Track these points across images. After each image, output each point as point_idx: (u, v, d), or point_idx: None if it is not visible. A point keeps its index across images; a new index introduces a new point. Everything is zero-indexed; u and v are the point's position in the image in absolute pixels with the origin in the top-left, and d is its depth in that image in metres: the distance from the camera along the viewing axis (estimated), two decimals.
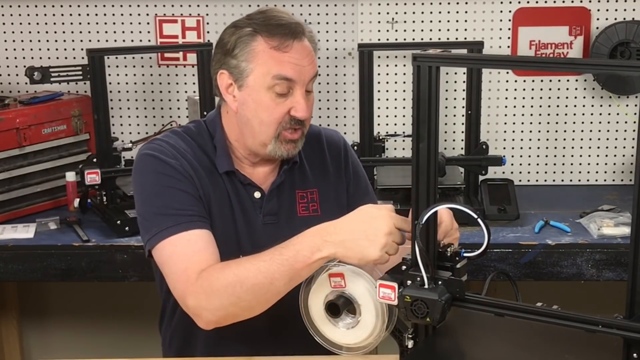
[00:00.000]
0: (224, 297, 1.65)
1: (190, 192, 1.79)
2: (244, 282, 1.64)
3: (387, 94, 3.15)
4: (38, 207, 2.84)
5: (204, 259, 1.71)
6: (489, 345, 1.56)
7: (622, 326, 1.35)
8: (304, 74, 1.78)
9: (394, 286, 1.49)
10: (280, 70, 1.76)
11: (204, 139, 1.89)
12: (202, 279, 1.67)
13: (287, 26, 1.77)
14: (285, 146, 1.82)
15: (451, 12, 3.08)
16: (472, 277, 2.33)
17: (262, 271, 1.63)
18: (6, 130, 2.71)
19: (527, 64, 1.63)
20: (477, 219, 1.43)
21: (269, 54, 1.76)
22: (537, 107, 3.14)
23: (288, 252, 1.63)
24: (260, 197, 1.89)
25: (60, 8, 3.11)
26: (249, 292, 1.64)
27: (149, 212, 1.78)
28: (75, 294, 3.37)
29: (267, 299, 1.67)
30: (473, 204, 2.72)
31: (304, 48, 1.79)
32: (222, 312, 1.67)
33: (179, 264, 1.72)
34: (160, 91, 3.17)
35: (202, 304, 1.68)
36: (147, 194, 1.80)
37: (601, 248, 2.49)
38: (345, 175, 1.99)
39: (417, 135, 1.45)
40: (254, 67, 1.77)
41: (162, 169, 1.79)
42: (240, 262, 1.68)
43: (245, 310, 1.69)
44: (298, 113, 1.78)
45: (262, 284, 1.63)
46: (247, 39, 1.78)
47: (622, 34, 2.95)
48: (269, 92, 1.77)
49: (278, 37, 1.76)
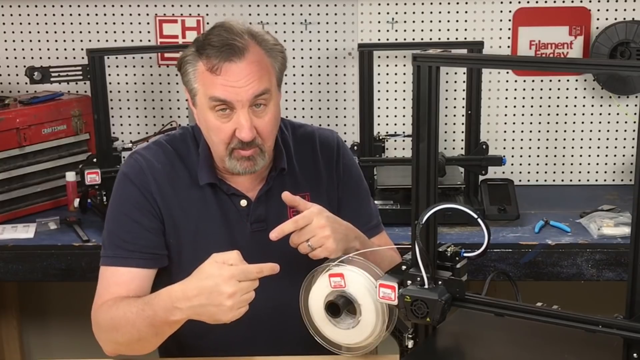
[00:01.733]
0: (108, 336, 1.78)
1: (146, 225, 1.83)
2: (119, 328, 1.73)
3: (387, 94, 3.15)
4: (38, 207, 2.84)
5: (115, 294, 1.79)
6: (489, 345, 1.56)
7: (622, 326, 1.36)
8: (240, 94, 1.74)
9: (394, 286, 1.49)
10: (213, 92, 1.75)
11: (189, 149, 1.89)
12: (95, 312, 1.80)
13: (221, 48, 1.74)
14: (242, 163, 1.79)
15: (451, 12, 3.08)
16: (472, 277, 2.33)
17: (130, 322, 1.71)
18: (6, 130, 2.71)
19: (527, 64, 1.63)
20: (477, 219, 1.43)
21: (205, 76, 1.76)
22: (537, 107, 3.13)
23: (149, 310, 1.69)
24: (247, 205, 1.88)
25: (60, 8, 3.11)
26: (123, 338, 1.74)
27: (104, 232, 1.88)
28: (75, 294, 3.35)
29: (143, 345, 1.76)
30: (473, 204, 2.72)
31: (241, 69, 1.74)
32: (111, 348, 1.79)
33: (99, 290, 1.83)
34: (160, 91, 3.17)
35: (96, 335, 1.81)
36: (109, 214, 1.88)
37: (601, 248, 2.49)
38: (336, 176, 1.96)
39: (417, 135, 1.45)
40: (198, 87, 1.78)
41: (128, 194, 1.85)
42: (119, 307, 1.74)
43: (131, 351, 1.79)
44: (241, 134, 1.75)
45: (131, 334, 1.72)
46: (190, 59, 1.79)
47: (622, 34, 2.94)
48: (212, 113, 1.77)
49: (212, 60, 1.74)
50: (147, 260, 1.83)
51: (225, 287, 1.57)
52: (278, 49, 1.82)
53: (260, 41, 1.78)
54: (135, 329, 1.70)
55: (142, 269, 1.82)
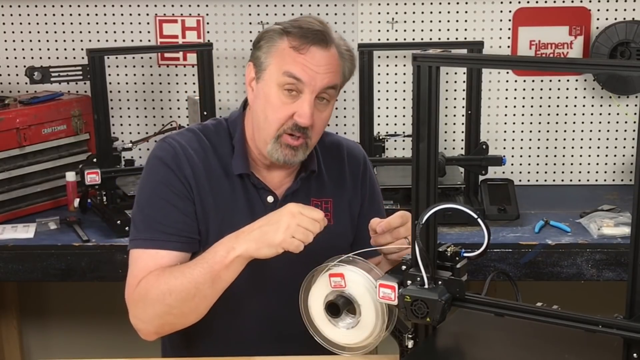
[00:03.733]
0: (156, 307, 1.73)
1: (182, 208, 1.82)
2: (173, 290, 1.70)
3: (387, 94, 3.15)
4: (38, 207, 2.84)
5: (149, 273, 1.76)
6: (489, 345, 1.56)
7: (622, 326, 1.36)
8: (315, 79, 1.77)
9: (394, 286, 1.49)
10: (290, 68, 1.77)
11: (221, 140, 1.90)
12: (139, 286, 1.75)
13: (312, 31, 1.78)
14: (284, 150, 1.81)
15: (451, 12, 3.08)
16: (472, 277, 2.33)
17: (187, 277, 1.70)
18: (6, 130, 2.71)
19: (527, 64, 1.63)
20: (477, 219, 1.43)
21: (287, 52, 1.78)
22: (537, 107, 3.13)
23: (208, 256, 1.70)
24: (273, 201, 1.89)
25: (60, 8, 3.11)
26: (178, 299, 1.70)
27: (137, 216, 1.84)
28: (75, 294, 3.37)
29: (197, 304, 1.72)
30: (473, 204, 2.71)
31: (324, 56, 1.79)
32: (158, 322, 1.76)
33: (133, 271, 1.80)
34: (160, 91, 3.17)
35: (139, 315, 1.76)
36: (142, 198, 1.85)
37: (601, 248, 2.49)
38: (361, 190, 1.98)
39: (417, 135, 1.45)
40: (271, 62, 1.79)
41: (164, 178, 1.82)
42: (172, 271, 1.74)
43: (179, 318, 1.75)
44: (300, 118, 1.78)
45: (187, 289, 1.70)
46: (273, 35, 1.81)
47: (622, 34, 2.95)
48: (279, 90, 1.78)
49: (300, 38, 1.78)
50: (184, 244, 1.81)
51: (285, 210, 1.66)
52: (350, 55, 1.87)
53: (338, 44, 1.84)
54: (192, 282, 1.68)
55: (180, 253, 1.81)
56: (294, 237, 1.63)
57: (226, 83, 3.14)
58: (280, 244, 1.63)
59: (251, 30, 3.10)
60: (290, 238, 1.63)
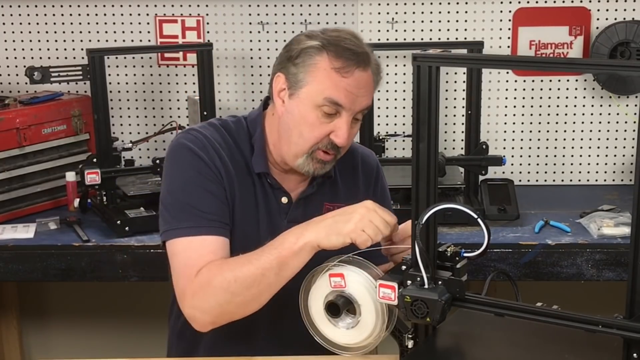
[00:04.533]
0: (219, 295, 1.68)
1: (217, 194, 1.80)
2: (238, 276, 1.67)
3: (387, 94, 3.15)
4: (38, 207, 2.84)
5: (209, 262, 1.73)
6: (489, 345, 1.56)
7: (622, 326, 1.36)
8: (355, 103, 1.76)
9: (394, 286, 1.49)
10: (333, 94, 1.74)
11: (241, 137, 1.89)
12: (200, 275, 1.70)
13: (355, 52, 1.75)
14: (315, 165, 1.81)
15: (451, 12, 3.08)
16: (472, 277, 2.33)
17: (254, 263, 1.68)
18: (6, 130, 2.71)
19: (527, 64, 1.63)
20: (477, 219, 1.43)
21: (328, 74, 1.75)
22: (537, 107, 3.13)
23: (276, 242, 1.69)
24: (287, 202, 1.89)
25: (60, 8, 3.11)
26: (242, 286, 1.67)
27: (173, 205, 1.80)
28: (75, 294, 3.37)
29: (260, 291, 1.69)
30: (473, 204, 2.71)
31: (364, 79, 1.77)
32: (218, 311, 1.71)
33: (186, 261, 1.74)
34: (160, 91, 3.17)
35: (198, 304, 1.71)
36: (175, 187, 1.81)
37: (601, 248, 2.49)
38: (373, 197, 1.97)
39: (417, 135, 1.45)
40: (310, 82, 1.76)
41: (196, 165, 1.80)
42: (237, 259, 1.71)
43: (240, 307, 1.71)
44: (338, 139, 1.78)
45: (254, 275, 1.67)
46: (312, 52, 1.76)
47: (622, 34, 2.94)
48: (316, 110, 1.76)
49: (342, 60, 1.74)
50: (226, 230, 1.80)
51: (362, 204, 1.66)
52: (379, 70, 1.84)
53: (373, 61, 1.80)
54: (259, 268, 1.66)
55: (224, 238, 1.78)
56: (364, 231, 1.63)
57: (226, 83, 3.14)
58: (349, 233, 1.62)
59: (251, 30, 3.10)
60: (360, 230, 1.62)
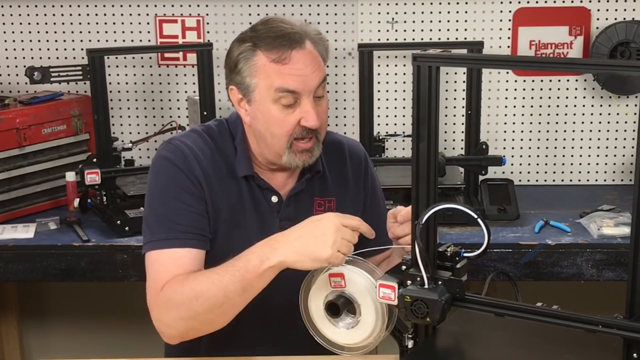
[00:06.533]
0: (181, 310, 1.69)
1: (194, 207, 1.81)
2: (200, 296, 1.67)
3: (387, 94, 3.15)
4: (38, 207, 2.83)
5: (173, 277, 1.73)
6: (489, 345, 1.56)
7: (622, 326, 1.36)
8: (308, 83, 1.76)
9: (394, 286, 1.49)
10: (282, 83, 1.75)
11: (225, 140, 1.89)
12: (163, 292, 1.72)
13: (285, 36, 1.76)
14: (300, 156, 1.81)
15: (451, 12, 3.08)
16: (472, 277, 2.32)
17: (216, 284, 1.66)
18: (6, 130, 2.71)
19: (527, 64, 1.63)
20: (477, 219, 1.43)
21: (269, 67, 1.76)
22: (537, 107, 3.13)
23: (239, 263, 1.66)
24: (278, 201, 1.89)
25: (60, 8, 3.11)
26: (204, 306, 1.67)
27: (151, 217, 1.82)
28: (75, 294, 3.37)
29: (224, 312, 1.69)
30: (473, 204, 2.71)
31: (306, 56, 1.77)
32: (182, 326, 1.71)
33: (154, 274, 1.76)
34: (160, 91, 3.17)
35: (162, 318, 1.72)
36: (153, 199, 1.83)
37: (601, 248, 2.49)
38: (364, 188, 1.98)
39: (417, 135, 1.45)
40: (258, 82, 1.78)
41: (174, 178, 1.81)
42: (197, 276, 1.71)
43: (205, 325, 1.72)
44: (308, 122, 1.77)
45: (216, 297, 1.66)
46: (248, 54, 1.78)
47: (622, 34, 2.94)
48: (275, 105, 1.77)
49: (276, 49, 1.75)
50: (201, 242, 1.80)
51: (329, 223, 1.60)
52: (321, 38, 1.83)
53: (308, 34, 1.80)
54: (221, 290, 1.65)
55: (199, 250, 1.79)
56: (339, 252, 1.60)
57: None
58: (328, 259, 1.59)
59: None
60: (336, 252, 1.60)
